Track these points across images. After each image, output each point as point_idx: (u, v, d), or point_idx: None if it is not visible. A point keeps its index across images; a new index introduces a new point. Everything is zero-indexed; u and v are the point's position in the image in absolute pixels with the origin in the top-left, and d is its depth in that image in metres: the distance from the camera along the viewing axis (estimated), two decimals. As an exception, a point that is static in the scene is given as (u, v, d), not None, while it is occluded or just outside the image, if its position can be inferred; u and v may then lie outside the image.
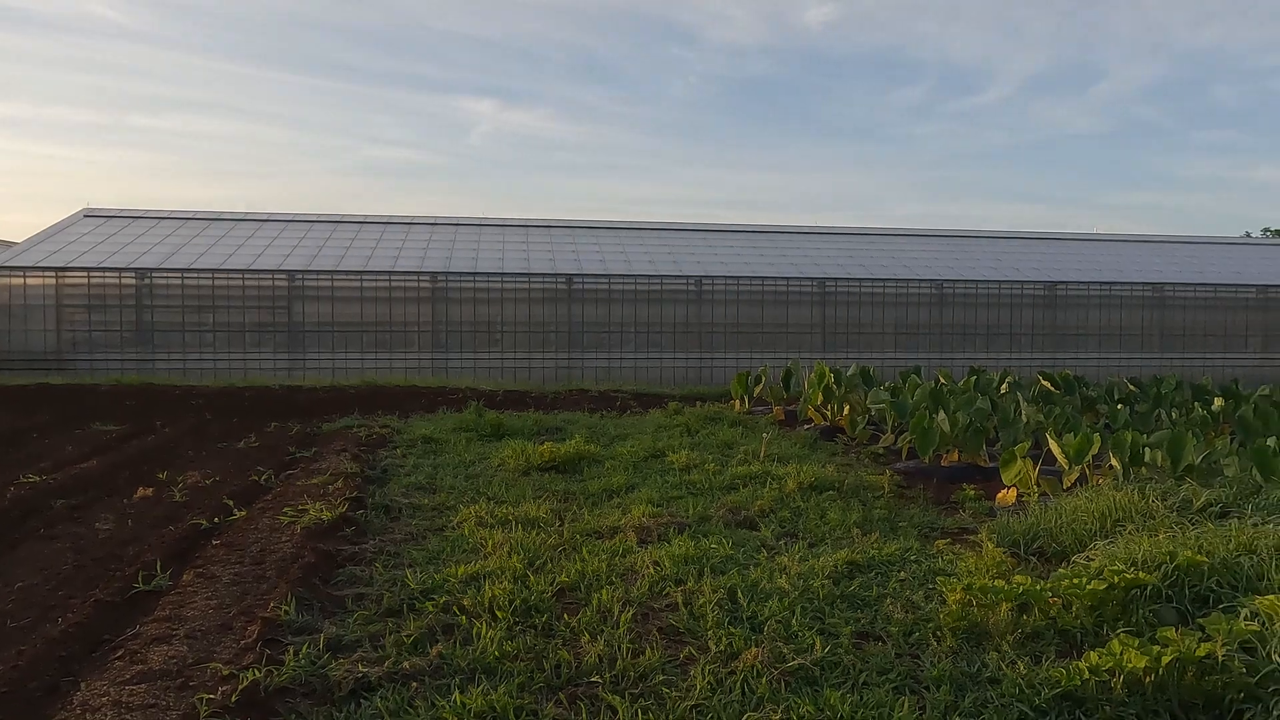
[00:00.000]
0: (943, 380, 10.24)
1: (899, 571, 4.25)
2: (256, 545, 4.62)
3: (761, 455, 6.99)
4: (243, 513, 5.33)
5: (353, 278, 14.43)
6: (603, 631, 3.46)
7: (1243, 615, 3.31)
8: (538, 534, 4.83)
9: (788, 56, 65.41)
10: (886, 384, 10.03)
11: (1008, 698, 2.93)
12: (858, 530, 4.99)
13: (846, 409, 8.96)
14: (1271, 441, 6.72)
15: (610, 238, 17.97)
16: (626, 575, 4.18)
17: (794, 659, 3.16)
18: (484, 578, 4.04)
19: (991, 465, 6.71)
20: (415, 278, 14.61)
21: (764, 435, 7.34)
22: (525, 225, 18.61)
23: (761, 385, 10.62)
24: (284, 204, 34.62)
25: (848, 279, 15.91)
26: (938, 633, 3.46)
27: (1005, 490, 5.83)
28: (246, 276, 14.09)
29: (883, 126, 69.22)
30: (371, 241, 16.37)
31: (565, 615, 3.65)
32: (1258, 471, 5.75)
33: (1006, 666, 3.13)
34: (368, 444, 7.79)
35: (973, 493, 5.96)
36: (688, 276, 15.45)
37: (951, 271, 16.72)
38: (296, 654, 3.13)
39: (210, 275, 13.96)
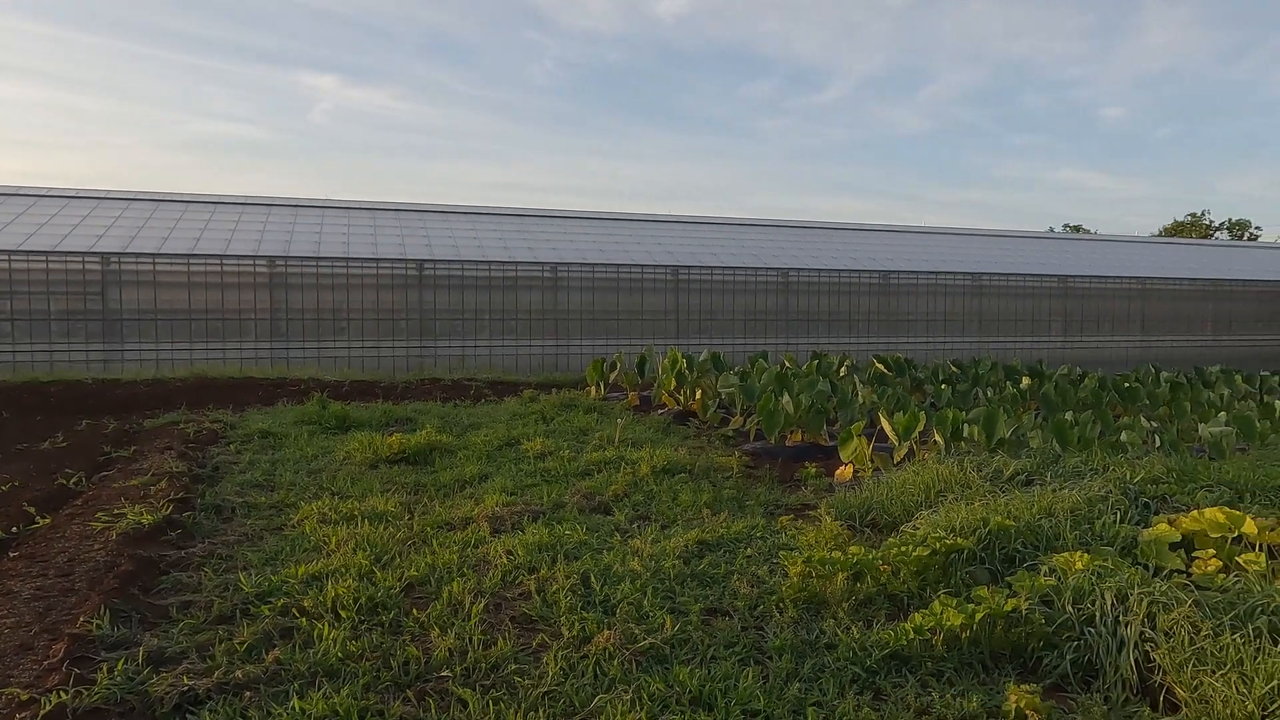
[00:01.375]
0: (788, 364, 10.72)
1: (746, 548, 4.42)
2: (64, 555, 4.18)
3: (616, 440, 7.06)
4: (46, 520, 4.82)
5: (178, 261, 13.31)
6: (453, 624, 3.39)
7: (1043, 572, 3.68)
8: (386, 528, 4.66)
9: (643, 47, 66.09)
10: (737, 369, 10.39)
11: (843, 661, 3.12)
12: (708, 510, 5.14)
13: (699, 393, 9.20)
14: (1069, 416, 7.50)
15: (463, 223, 17.54)
16: (479, 566, 4.12)
17: (645, 639, 3.22)
18: (327, 577, 3.86)
19: (832, 444, 7.10)
20: (251, 262, 13.66)
21: (618, 421, 7.41)
22: (373, 209, 17.83)
23: (617, 372, 10.71)
24: (98, 179, 31.40)
25: (700, 267, 16.30)
26: (780, 604, 3.63)
27: (843, 467, 6.18)
28: (51, 259, 12.68)
29: (734, 120, 71.39)
30: (200, 222, 15.16)
31: (414, 610, 3.55)
32: (1057, 442, 6.41)
33: (842, 632, 3.33)
34: (197, 441, 7.23)
35: (814, 470, 6.28)
36: (543, 263, 15.34)
37: (797, 261, 17.50)
38: (111, 671, 2.87)
39: (7, 258, 12.46)
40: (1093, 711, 2.82)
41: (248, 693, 2.82)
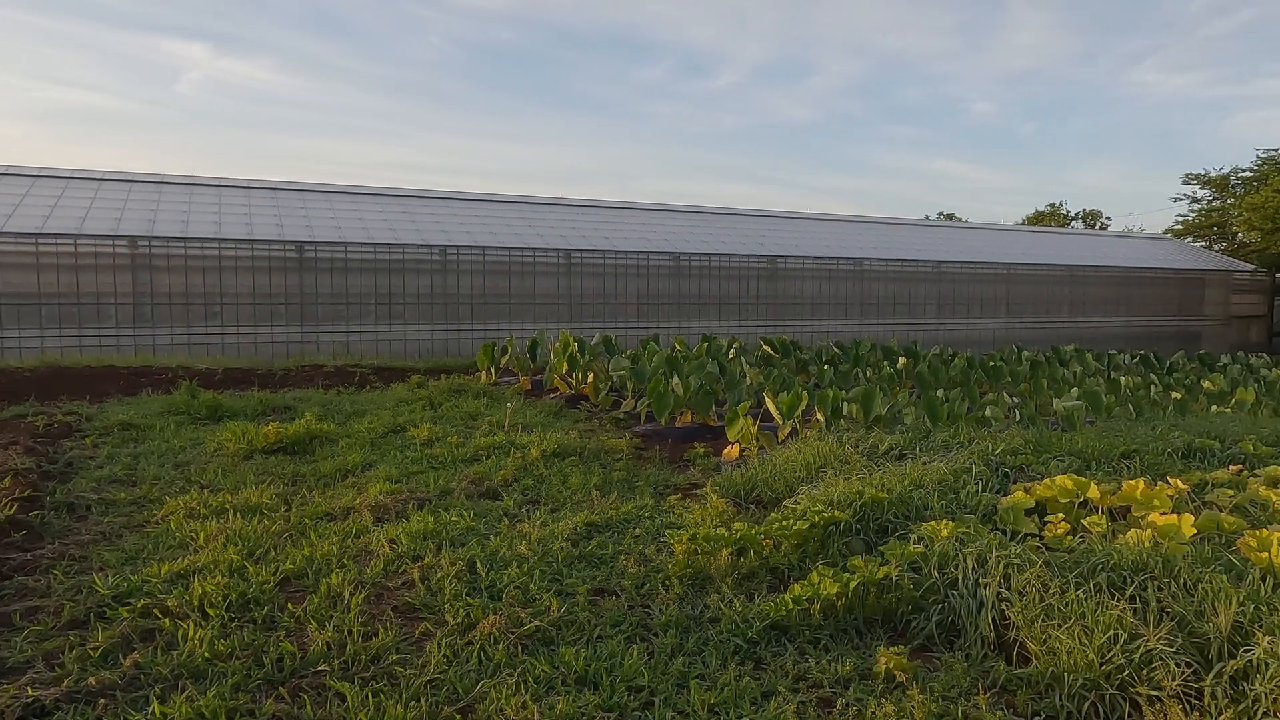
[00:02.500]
0: (678, 347, 10.87)
1: (635, 529, 4.46)
2: (-114, 563, 3.79)
3: (506, 425, 6.99)
4: None
5: (25, 241, 12.22)
6: (332, 617, 3.28)
7: (912, 540, 3.88)
8: (260, 521, 4.45)
9: (533, 26, 65.09)
10: (628, 352, 10.46)
11: (725, 634, 3.20)
12: (597, 493, 5.16)
13: (590, 377, 9.21)
14: (940, 393, 7.93)
15: (346, 203, 16.86)
16: (360, 557, 3.99)
17: (531, 622, 3.20)
18: (194, 574, 3.65)
19: (720, 424, 7.24)
20: (110, 242, 12.70)
21: (508, 405, 7.33)
22: (247, 187, 16.88)
23: (508, 356, 10.58)
24: (-74, 150, 28.45)
25: (593, 250, 16.28)
26: (667, 582, 3.69)
27: (730, 446, 6.33)
28: None
29: (626, 103, 71.42)
30: (50, 199, 13.96)
31: (290, 605, 3.40)
32: (928, 418, 6.77)
33: (725, 606, 3.42)
34: (47, 435, 6.68)
35: (703, 450, 6.40)
36: (432, 246, 14.94)
37: (689, 246, 17.73)
38: (-59, 686, 2.63)
39: None
40: (954, 668, 3.01)
41: (101, 700, 2.64)
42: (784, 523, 4.05)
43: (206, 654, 2.95)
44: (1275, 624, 2.86)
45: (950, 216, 44.66)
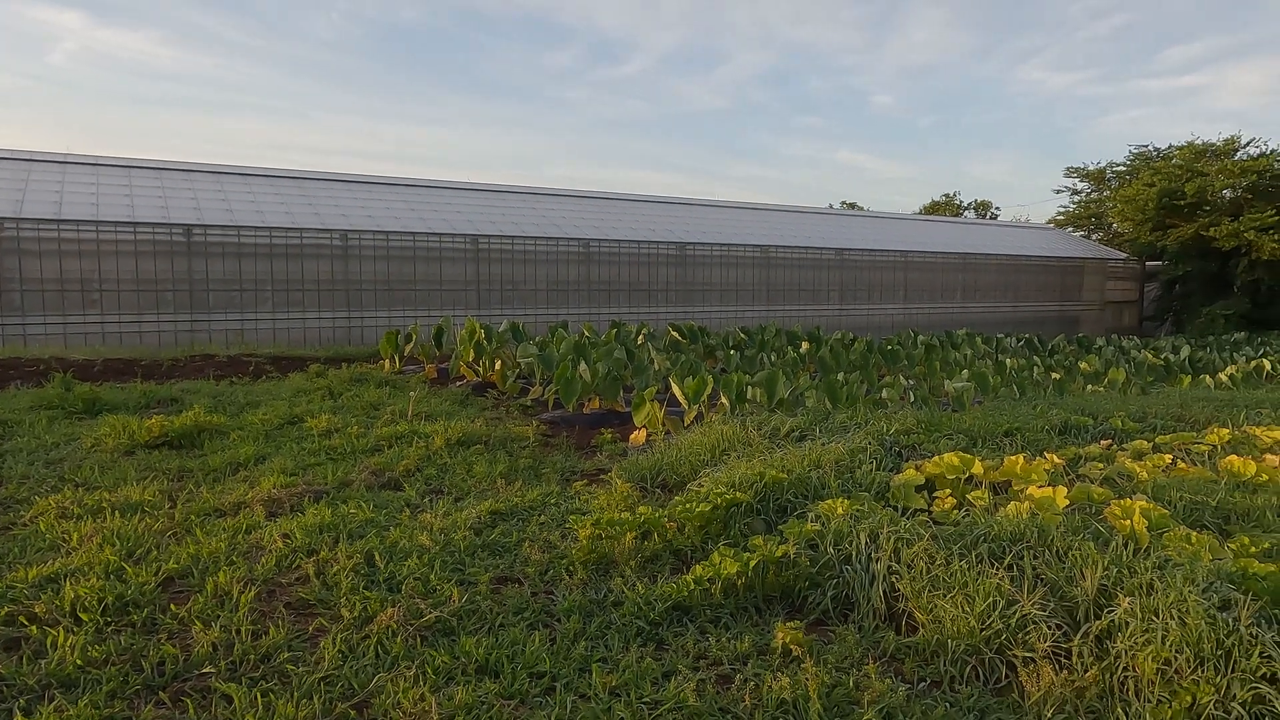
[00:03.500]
0: (587, 334, 10.85)
1: (540, 516, 4.44)
2: None
3: (409, 414, 6.83)
4: None
5: None
6: (219, 617, 3.13)
7: (810, 518, 3.99)
8: (141, 520, 4.21)
9: (438, 5, 63.36)
10: (537, 339, 10.37)
11: (628, 617, 3.22)
12: (503, 481, 5.11)
13: (498, 364, 9.09)
14: (841, 377, 8.18)
15: (238, 185, 16.07)
16: (251, 553, 3.83)
17: (431, 613, 3.15)
18: (65, 577, 3.43)
19: (628, 410, 7.28)
20: (-30, 224, 11.73)
21: (411, 394, 7.16)
22: (128, 166, 15.87)
23: (413, 344, 10.34)
24: None
25: (501, 236, 16.05)
26: (571, 568, 3.68)
27: (637, 431, 6.37)
28: None
29: (536, 88, 70.51)
30: (-101, 176, 12.78)
31: (173, 606, 3.24)
32: (828, 401, 6.98)
33: (628, 589, 3.44)
34: (-101, 433, 6.14)
35: (610, 436, 6.42)
36: (332, 230, 14.42)
37: (598, 232, 17.69)
38: None
39: None
40: (847, 640, 3.12)
41: (-43, 716, 2.46)
42: (687, 505, 4.10)
43: (79, 661, 2.78)
44: (1135, 586, 3.07)
45: (853, 205, 46.05)
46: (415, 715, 2.53)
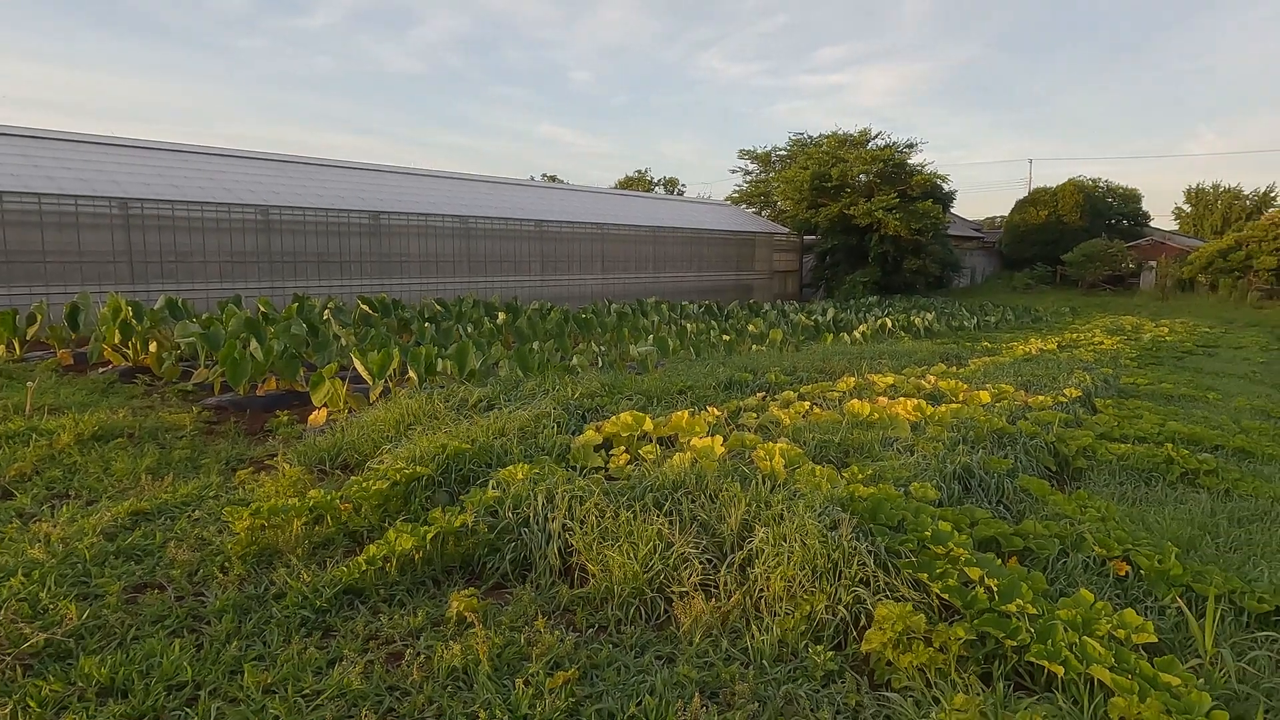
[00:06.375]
0: (263, 309, 9.92)
1: (195, 511, 3.98)
2: None
3: (28, 409, 5.75)
4: None
5: None
6: None
7: (491, 486, 4.02)
8: None
9: (66, -77, 53.23)
10: (203, 316, 9.28)
11: (292, 608, 3.01)
12: (149, 476, 4.50)
13: (153, 346, 7.97)
14: (536, 346, 8.33)
15: None
16: None
17: (38, 636, 2.69)
18: None
19: (310, 390, 6.79)
20: None
21: (30, 384, 6.02)
22: None
23: (38, 326, 8.71)
24: None
25: (158, 200, 14.03)
26: (226, 564, 3.36)
27: (318, 411, 5.96)
28: None
29: (202, 33, 62.33)
30: None
31: None
32: (520, 370, 7.08)
33: (293, 579, 3.21)
34: None
35: (287, 419, 5.94)
36: (-84, 188, 11.59)
37: (279, 198, 16.16)
38: None
39: None
40: (523, 599, 3.20)
41: None
42: (364, 484, 3.93)
43: None
44: (770, 517, 3.50)
45: (554, 178, 46.98)
46: (10, 758, 2.15)
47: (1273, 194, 44.35)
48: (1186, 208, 47.95)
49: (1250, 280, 27.07)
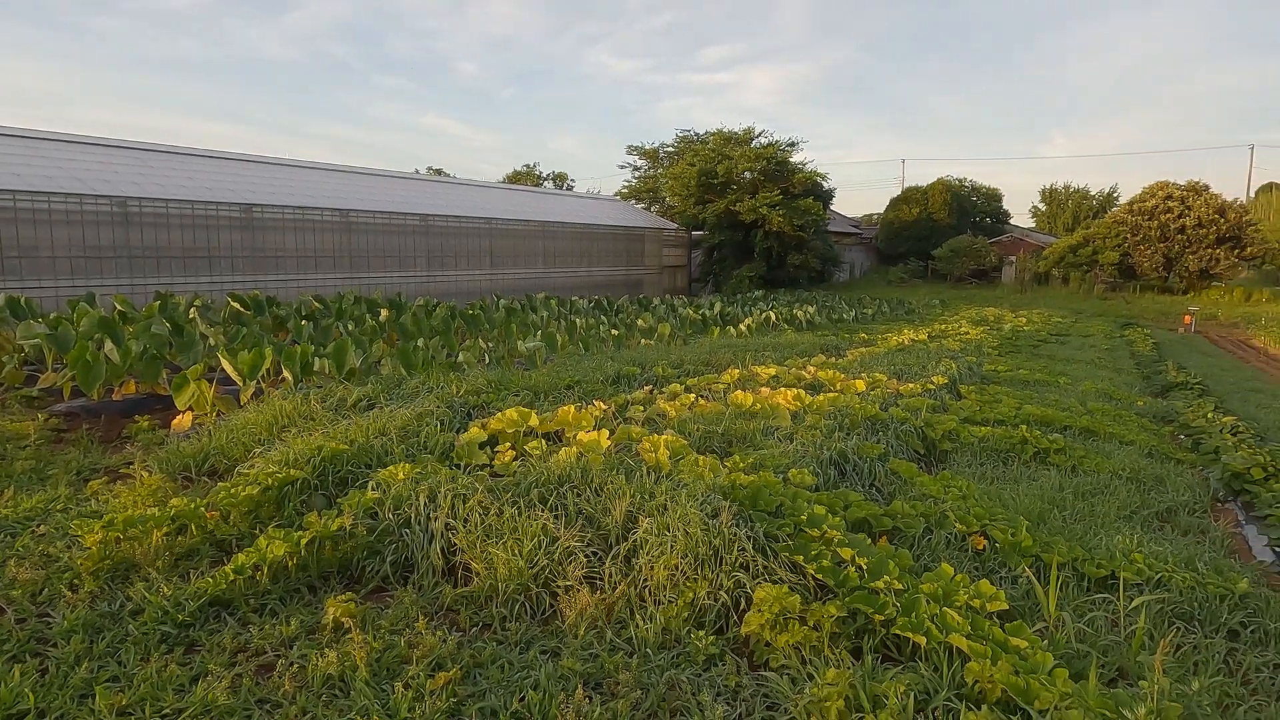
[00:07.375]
0: (121, 308, 9.26)
1: (39, 527, 3.68)
2: None
3: None
4: None
5: None
6: None
7: (370, 487, 3.90)
8: None
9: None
10: (52, 315, 8.57)
11: (150, 624, 2.83)
12: (-14, 490, 4.13)
13: (-9, 349, 7.31)
14: (420, 343, 8.12)
15: None
16: None
17: None
18: None
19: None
20: None
21: None
22: None
23: None
24: None
25: (3, 191, 12.84)
26: (75, 581, 3.12)
27: (182, 415, 5.62)
28: None
29: (54, 10, 57.41)
30: None
31: None
32: (403, 367, 6.89)
33: (153, 594, 3.02)
34: None
35: (148, 424, 5.57)
36: None
37: (139, 190, 15.10)
38: None
39: None
40: (404, 602, 3.12)
41: None
42: (232, 490, 3.73)
43: None
44: (655, 507, 3.55)
45: (440, 172, 45.89)
46: None
47: (1115, 194, 48.38)
48: (1042, 206, 51.59)
49: (1096, 274, 29.48)
